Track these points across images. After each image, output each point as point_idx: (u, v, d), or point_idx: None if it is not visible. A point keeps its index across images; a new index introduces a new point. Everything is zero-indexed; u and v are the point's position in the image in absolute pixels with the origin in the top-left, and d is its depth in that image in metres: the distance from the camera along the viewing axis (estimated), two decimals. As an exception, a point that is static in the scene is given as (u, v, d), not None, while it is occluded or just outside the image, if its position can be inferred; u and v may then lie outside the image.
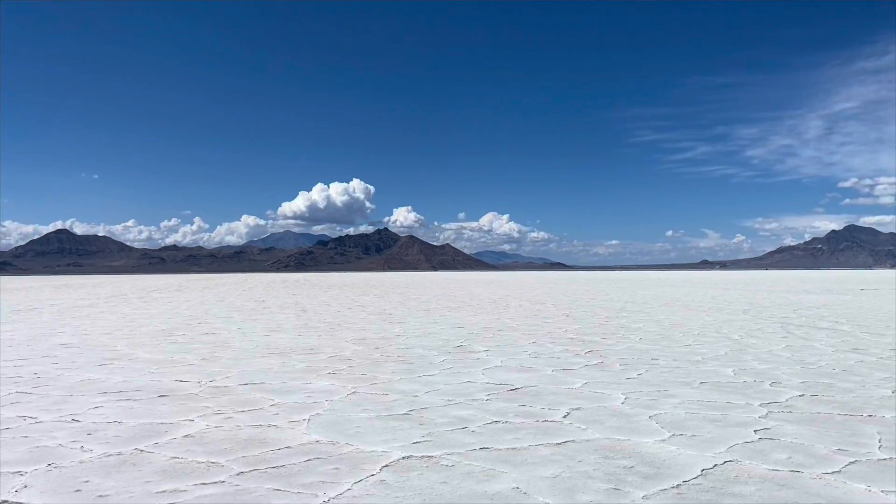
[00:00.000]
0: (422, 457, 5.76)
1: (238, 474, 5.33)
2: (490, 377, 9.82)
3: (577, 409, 7.66)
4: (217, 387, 9.22)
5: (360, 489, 4.96)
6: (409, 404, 7.93)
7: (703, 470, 5.39)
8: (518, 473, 5.28)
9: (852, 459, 5.65)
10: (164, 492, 4.93)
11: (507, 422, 7.01)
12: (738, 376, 9.87)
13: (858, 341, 14.11)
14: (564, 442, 6.22)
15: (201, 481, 5.17)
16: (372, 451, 5.94)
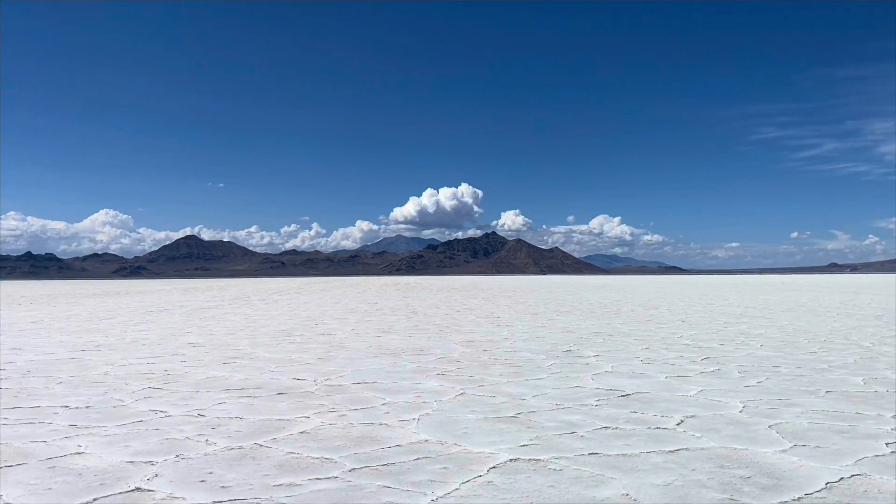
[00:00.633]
0: (529, 459, 5.74)
1: (350, 471, 5.49)
2: (600, 382, 9.65)
3: (692, 416, 7.40)
4: (332, 385, 9.53)
5: (467, 489, 5.00)
6: (516, 407, 7.92)
7: (827, 483, 5.08)
8: (628, 480, 5.16)
9: None
10: (280, 485, 5.15)
11: (617, 427, 6.88)
12: (868, 386, 9.25)
13: None
14: (677, 450, 6.03)
15: (315, 476, 5.36)
16: (480, 452, 5.98)
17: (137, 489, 5.08)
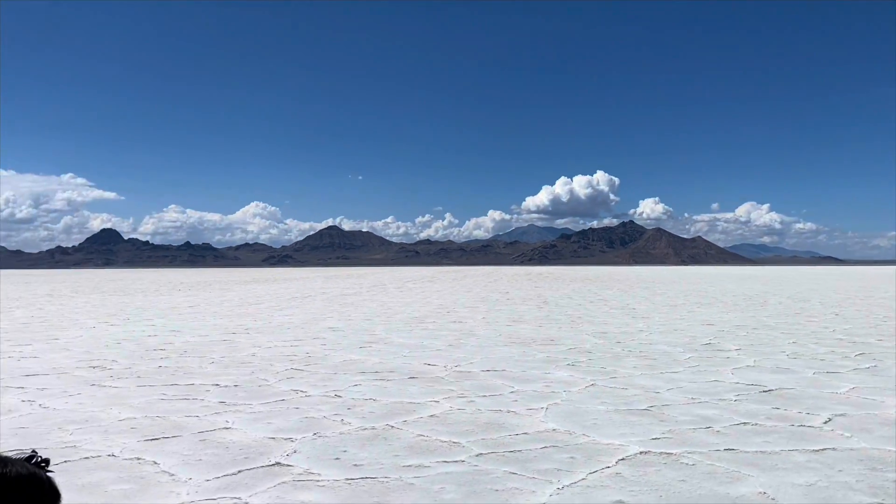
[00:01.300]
0: (660, 453, 5.57)
1: (477, 455, 5.56)
2: (740, 377, 9.20)
3: (842, 415, 6.91)
4: (461, 371, 9.67)
5: (594, 479, 4.93)
6: (649, 400, 7.70)
7: None
8: (766, 478, 4.90)
9: None
10: (410, 466, 5.29)
11: (756, 424, 6.53)
12: None
13: None
14: (823, 449, 5.65)
15: (443, 459, 5.47)
16: (609, 444, 5.87)
17: (278, 464, 5.39)
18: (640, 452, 5.60)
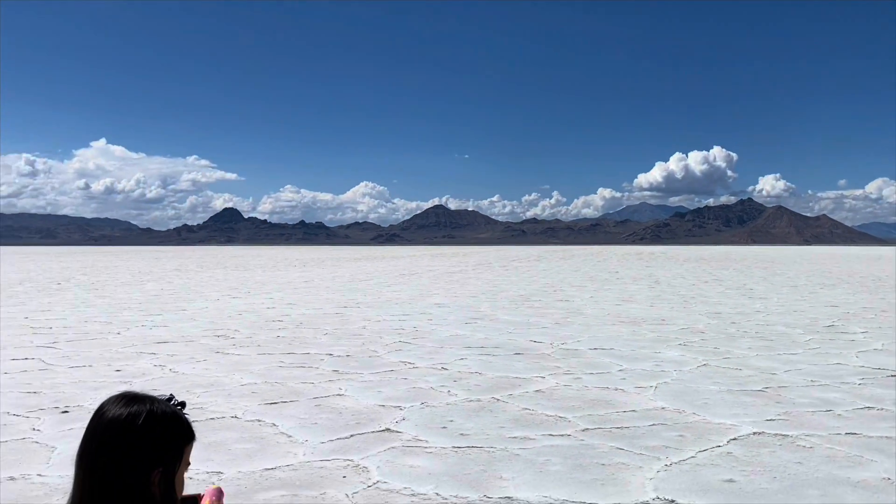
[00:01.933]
0: (775, 434, 5.37)
1: (583, 430, 5.55)
2: (866, 360, 8.70)
3: (981, 403, 6.42)
4: (568, 349, 9.63)
5: (704, 458, 4.82)
6: (764, 381, 7.42)
7: None
8: (891, 464, 4.64)
9: None
10: (515, 438, 5.35)
11: (883, 409, 6.18)
12: None
13: None
14: (959, 438, 5.28)
15: (549, 432, 5.49)
16: (720, 424, 5.71)
17: (387, 430, 5.58)
18: (754, 433, 5.42)
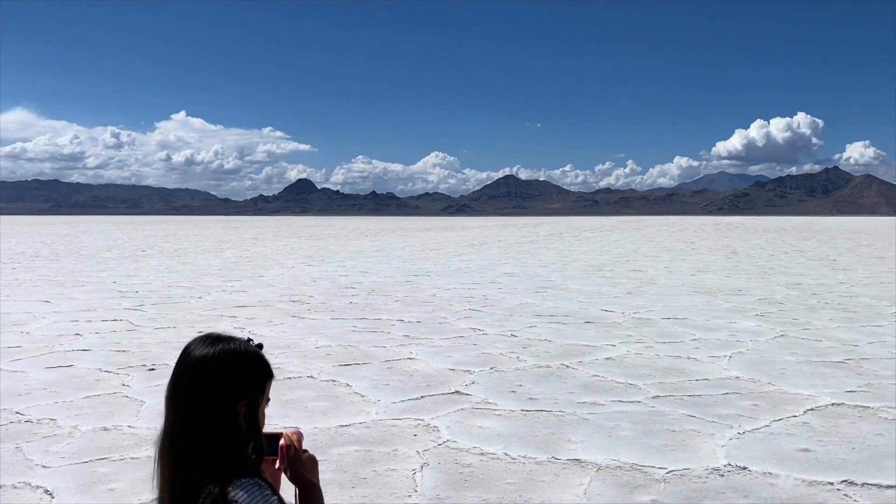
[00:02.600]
0: (855, 406, 5.21)
1: (654, 397, 5.51)
2: (958, 334, 8.29)
3: None
4: (640, 318, 9.51)
5: (778, 427, 4.73)
6: (846, 353, 7.17)
7: None
8: (982, 439, 4.45)
9: None
10: (584, 403, 5.36)
11: (975, 383, 5.90)
12: None
13: None
14: None
15: (619, 398, 5.48)
16: (797, 394, 5.58)
17: (457, 392, 5.67)
18: (832, 404, 5.27)
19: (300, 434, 1.65)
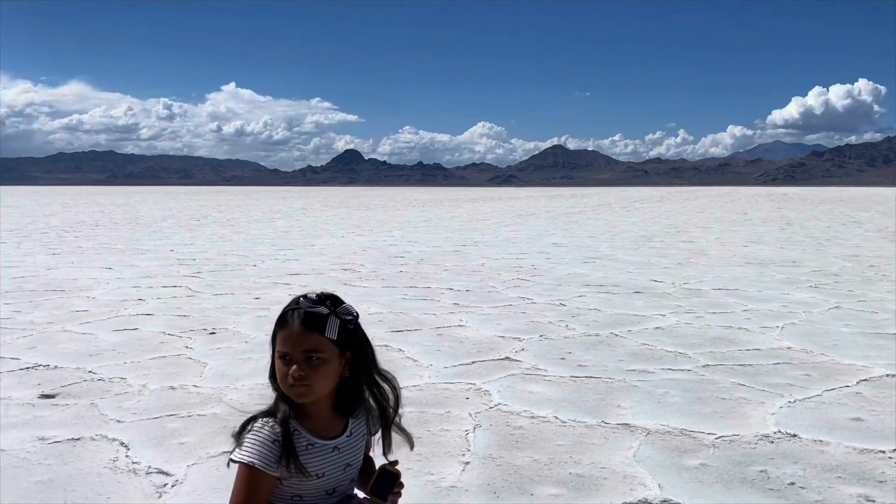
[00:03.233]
0: (911, 377, 5.16)
1: (703, 366, 5.53)
2: None
3: None
4: (690, 289, 9.47)
5: (830, 397, 4.72)
6: (903, 325, 7.05)
7: None
8: None
9: None
10: (633, 370, 5.42)
11: None
12: None
13: None
14: None
15: (668, 367, 5.52)
16: (850, 365, 5.54)
17: (507, 358, 5.78)
18: (887, 375, 5.23)
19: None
